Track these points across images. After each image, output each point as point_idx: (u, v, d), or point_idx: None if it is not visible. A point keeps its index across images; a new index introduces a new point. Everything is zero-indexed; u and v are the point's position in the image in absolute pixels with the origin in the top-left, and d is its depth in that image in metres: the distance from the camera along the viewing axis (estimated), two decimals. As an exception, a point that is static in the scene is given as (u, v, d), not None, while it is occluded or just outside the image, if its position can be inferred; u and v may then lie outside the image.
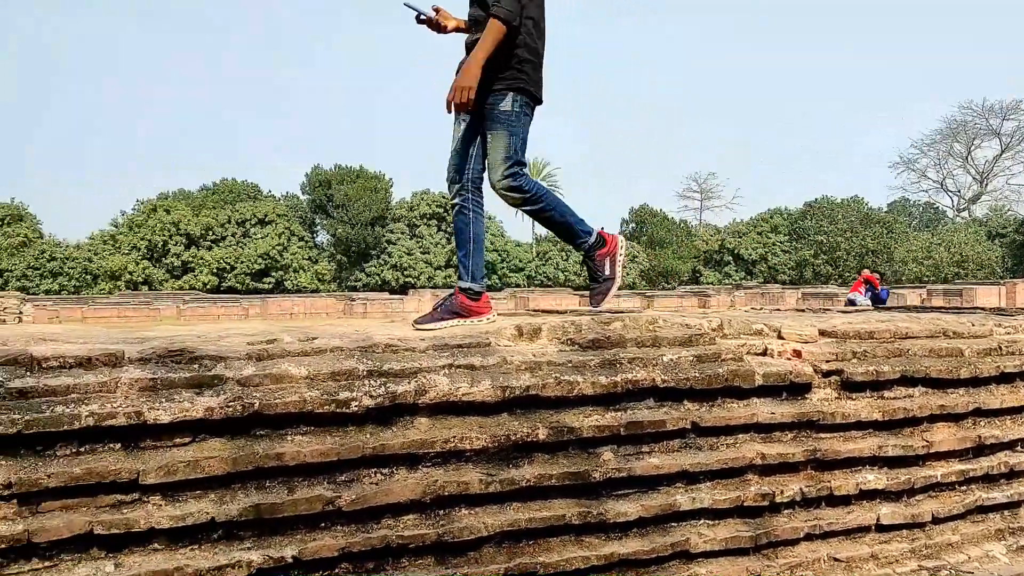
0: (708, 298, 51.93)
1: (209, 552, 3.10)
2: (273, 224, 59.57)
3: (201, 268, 55.33)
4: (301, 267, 59.09)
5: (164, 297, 47.70)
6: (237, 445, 3.21)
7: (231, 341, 3.57)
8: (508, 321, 4.22)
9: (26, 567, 2.89)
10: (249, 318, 45.02)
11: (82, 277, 53.81)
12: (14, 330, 3.65)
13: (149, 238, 54.84)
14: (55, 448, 3.00)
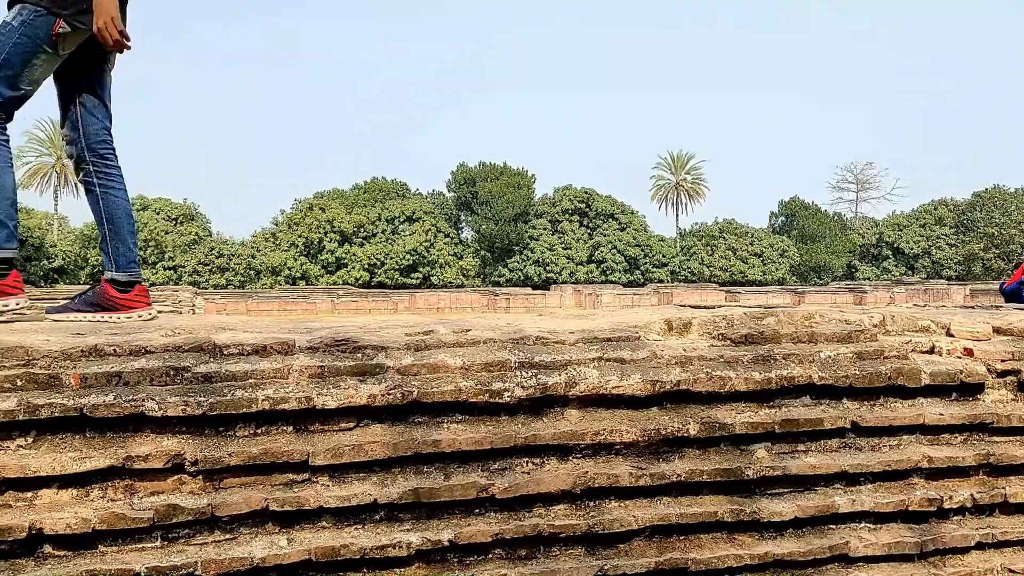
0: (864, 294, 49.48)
1: (372, 532, 3.26)
2: (420, 221, 61.47)
3: (353, 264, 57.82)
4: (447, 263, 60.69)
5: (320, 291, 50.24)
6: (397, 431, 3.37)
7: (390, 332, 3.73)
8: (657, 315, 4.20)
9: (209, 538, 3.15)
10: (398, 312, 46.70)
11: (246, 272, 57.41)
12: (196, 320, 3.97)
13: (306, 235, 57.80)
14: (235, 429, 3.24)
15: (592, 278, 60.19)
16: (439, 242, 60.80)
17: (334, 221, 58.32)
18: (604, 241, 61.79)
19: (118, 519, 2.99)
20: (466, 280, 60.46)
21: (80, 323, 3.88)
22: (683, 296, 48.41)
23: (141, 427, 3.13)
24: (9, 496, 2.97)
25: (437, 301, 49.36)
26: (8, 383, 3.01)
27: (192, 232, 57.46)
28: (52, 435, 3.05)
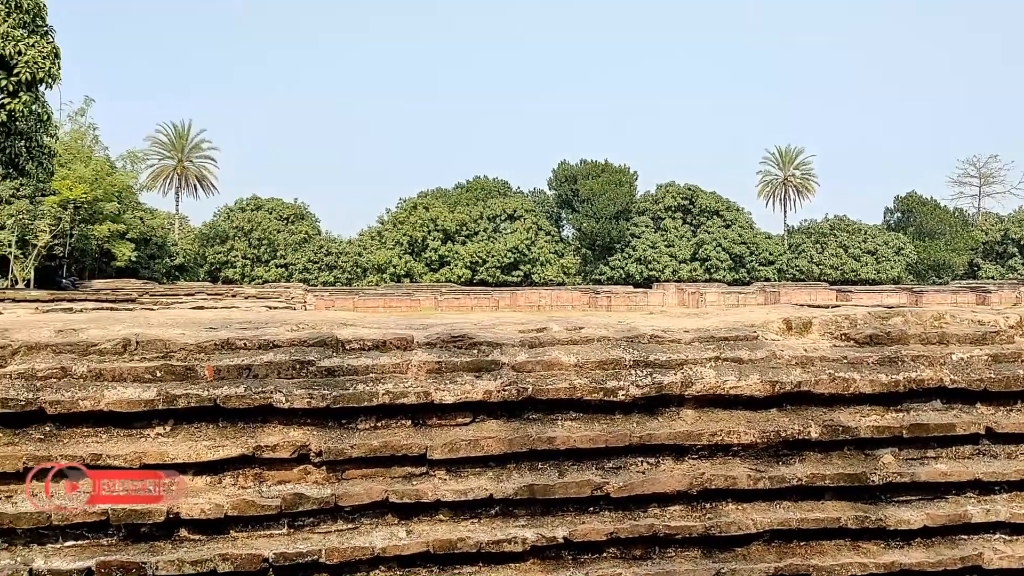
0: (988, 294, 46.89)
1: (488, 526, 3.30)
2: (521, 219, 61.69)
3: (456, 261, 58.52)
4: (547, 260, 60.71)
5: (423, 289, 51.08)
6: (512, 427, 3.39)
7: (504, 329, 3.76)
8: (775, 314, 4.09)
9: (332, 527, 3.25)
10: (499, 309, 47.06)
11: (353, 270, 58.92)
12: (317, 316, 4.10)
13: (410, 234, 58.84)
14: (356, 422, 3.34)
15: (695, 276, 59.10)
16: (540, 240, 60.87)
17: (437, 220, 59.18)
18: (708, 238, 60.56)
19: (248, 506, 3.12)
20: (566, 278, 60.34)
21: (213, 317, 4.07)
22: (791, 295, 46.94)
23: (269, 418, 3.26)
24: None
25: (538, 299, 49.48)
26: (148, 374, 3.18)
27: (303, 231, 59.33)
28: (188, 424, 3.21)
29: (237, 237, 57.39)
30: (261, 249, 57.31)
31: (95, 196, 43.43)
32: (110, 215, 45.37)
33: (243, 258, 56.77)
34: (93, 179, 43.27)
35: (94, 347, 3.22)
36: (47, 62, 18.44)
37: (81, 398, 3.06)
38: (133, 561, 2.98)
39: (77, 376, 3.13)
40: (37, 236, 42.21)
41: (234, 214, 59.57)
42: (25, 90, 18.35)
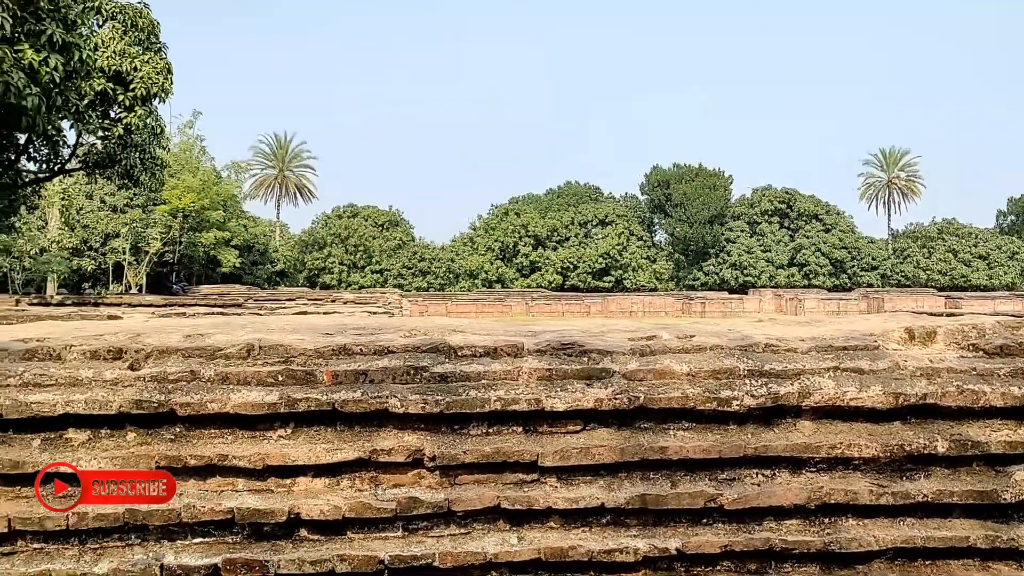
0: (1112, 301, 44.07)
1: (599, 535, 3.28)
2: (613, 224, 61.35)
3: (547, 267, 58.61)
4: (639, 266, 60.16)
5: (514, 294, 51.34)
6: (623, 436, 3.37)
7: (613, 337, 3.74)
8: (895, 323, 3.93)
9: (445, 532, 3.28)
10: (591, 315, 46.86)
11: (445, 275, 59.72)
12: (428, 322, 4.17)
13: (502, 240, 59.27)
14: (468, 427, 3.37)
15: (793, 282, 57.49)
16: (632, 245, 60.35)
17: (529, 225, 59.41)
18: (807, 243, 58.87)
19: (365, 508, 3.19)
20: (659, 284, 59.63)
21: (328, 323, 4.18)
22: (896, 302, 45.07)
23: (384, 422, 3.33)
24: (271, 482, 3.25)
25: (630, 305, 49.02)
26: (271, 378, 3.29)
27: (397, 237, 60.50)
28: (308, 427, 3.31)
29: (334, 244, 58.93)
30: (357, 255, 58.70)
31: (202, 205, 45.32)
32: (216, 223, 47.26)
33: (340, 264, 58.24)
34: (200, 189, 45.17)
35: (220, 352, 3.35)
36: (160, 77, 19.34)
37: (209, 400, 3.19)
38: (257, 559, 3.08)
39: (205, 379, 3.26)
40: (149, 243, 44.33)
41: (331, 221, 61.23)
42: (140, 104, 19.27)
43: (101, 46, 18.50)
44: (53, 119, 16.29)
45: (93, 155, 21.47)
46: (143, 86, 19.01)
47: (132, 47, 19.48)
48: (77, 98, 16.33)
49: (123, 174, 21.82)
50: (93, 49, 17.35)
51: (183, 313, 10.92)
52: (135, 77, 18.99)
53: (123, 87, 19.09)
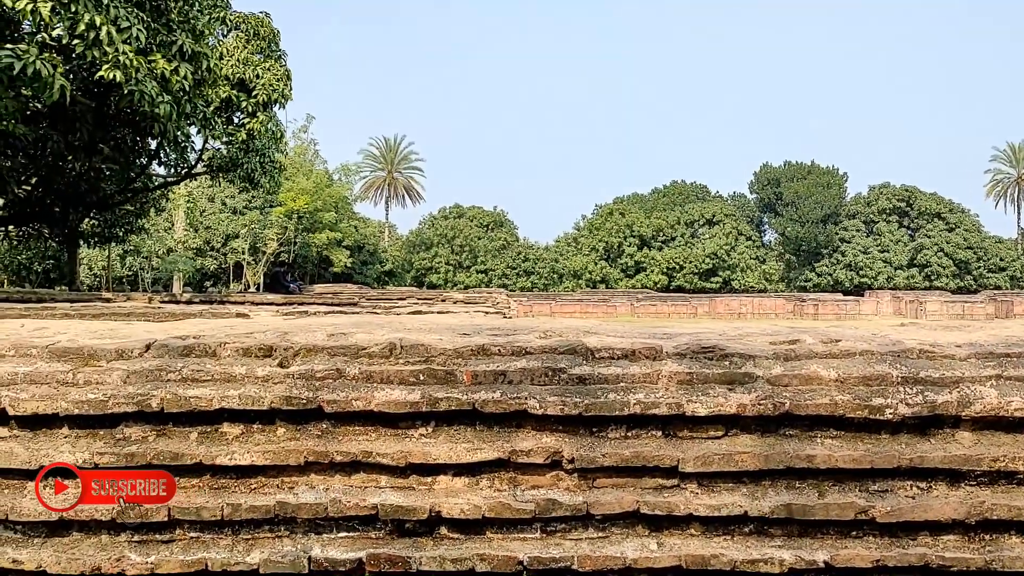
0: None
1: (741, 544, 3.19)
2: (720, 224, 60.16)
3: (652, 268, 57.98)
4: (748, 266, 58.77)
5: (619, 295, 50.95)
6: (767, 443, 3.26)
7: (753, 340, 3.63)
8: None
9: (584, 535, 3.26)
10: (697, 316, 46.02)
11: (549, 275, 59.86)
12: (558, 323, 4.15)
13: (606, 240, 58.99)
14: (607, 430, 3.33)
15: (913, 284, 54.96)
16: (740, 245, 59.04)
17: (633, 225, 58.92)
18: (928, 243, 56.19)
19: (504, 508, 3.20)
20: (768, 285, 58.10)
21: (459, 323, 4.23)
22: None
23: (523, 423, 3.33)
24: (413, 479, 3.30)
25: (738, 306, 47.88)
26: (412, 377, 3.35)
27: (501, 238, 61.08)
28: (448, 426, 3.34)
29: (440, 244, 59.96)
30: (462, 255, 59.56)
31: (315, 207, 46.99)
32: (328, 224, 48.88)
33: (446, 264, 59.21)
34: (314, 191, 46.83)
35: (363, 351, 3.43)
36: (281, 84, 20.11)
37: (354, 398, 3.26)
38: (400, 555, 3.13)
39: (350, 377, 3.34)
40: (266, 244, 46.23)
41: (438, 222, 62.34)
42: (262, 110, 20.10)
43: (226, 55, 19.37)
44: (182, 125, 17.14)
45: (217, 159, 22.50)
46: (264, 93, 19.81)
47: (254, 55, 20.33)
48: (204, 105, 17.12)
49: (244, 177, 22.77)
50: (219, 58, 18.18)
51: (305, 312, 11.27)
52: (257, 84, 19.80)
53: (246, 94, 19.94)
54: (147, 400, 3.23)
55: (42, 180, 19.09)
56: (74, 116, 16.49)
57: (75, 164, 18.95)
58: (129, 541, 3.19)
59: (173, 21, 14.92)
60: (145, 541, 3.19)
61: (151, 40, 14.03)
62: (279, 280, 32.57)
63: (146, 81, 13.43)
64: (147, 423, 3.28)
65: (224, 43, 19.83)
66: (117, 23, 12.71)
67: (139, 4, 13.90)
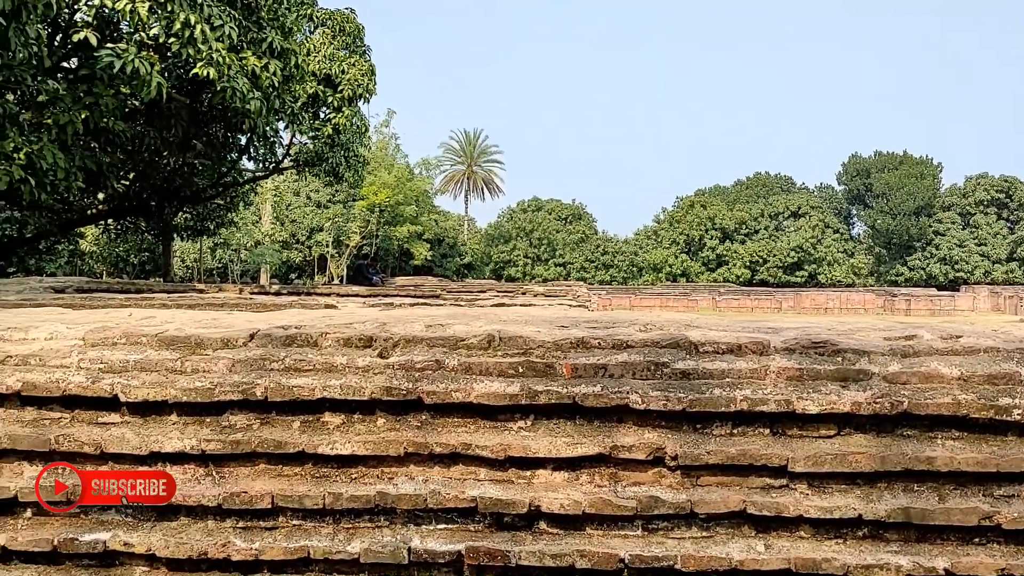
0: None
1: (855, 548, 3.05)
2: (806, 216, 58.50)
3: (734, 261, 56.81)
4: (835, 260, 57.01)
5: (700, 288, 50.11)
6: (883, 443, 3.11)
7: (866, 335, 3.47)
8: None
9: (687, 534, 3.17)
10: (782, 311, 44.89)
11: (629, 269, 59.28)
12: (661, 317, 4.06)
13: (687, 233, 58.04)
14: (711, 427, 3.23)
15: (1013, 278, 52.45)
16: (827, 238, 57.30)
17: (715, 218, 57.81)
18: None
19: (604, 504, 3.13)
20: (857, 279, 56.26)
21: (555, 315, 4.18)
22: None
23: (624, 418, 3.25)
24: (512, 473, 3.26)
25: (825, 301, 46.46)
26: (511, 369, 3.30)
27: (580, 231, 60.74)
28: (547, 419, 3.29)
29: (519, 237, 60.02)
30: (541, 248, 59.49)
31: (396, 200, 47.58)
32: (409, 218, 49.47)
33: (524, 257, 59.24)
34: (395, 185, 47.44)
35: (462, 342, 3.40)
36: (365, 79, 20.37)
37: (453, 390, 3.24)
38: (499, 549, 3.10)
39: (449, 369, 3.32)
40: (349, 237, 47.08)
41: (516, 215, 62.40)
42: (347, 105, 20.40)
43: (313, 51, 19.72)
44: (271, 121, 17.51)
45: (304, 154, 22.95)
46: (350, 88, 20.10)
47: (340, 51, 20.64)
48: (292, 101, 17.46)
49: (329, 171, 23.19)
50: (306, 54, 18.50)
51: (390, 303, 11.40)
52: (343, 80, 20.11)
53: (332, 89, 20.28)
54: (252, 389, 3.27)
55: (139, 175, 19.80)
56: (169, 113, 17.03)
57: (170, 160, 19.60)
58: (234, 527, 3.24)
59: (263, 19, 15.24)
60: (249, 528, 3.23)
61: (242, 38, 14.36)
62: (362, 272, 33.13)
63: (237, 78, 13.75)
64: (251, 411, 3.32)
65: (311, 39, 20.20)
66: (211, 21, 13.05)
67: (231, 2, 14.25)
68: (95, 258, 38.71)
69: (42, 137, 12.40)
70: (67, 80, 13.67)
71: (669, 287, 51.48)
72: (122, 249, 37.05)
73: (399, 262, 53.42)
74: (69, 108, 12.49)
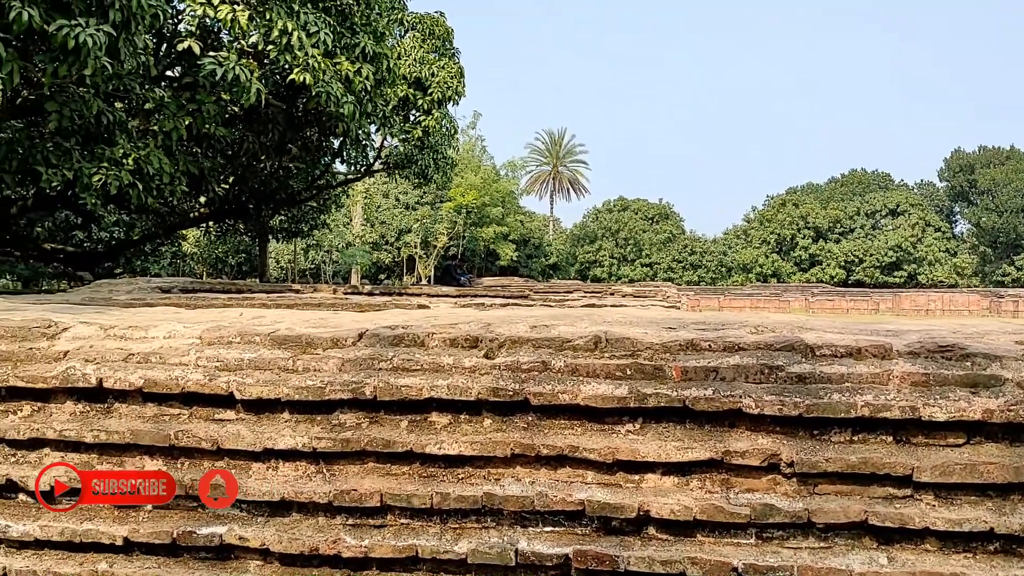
0: None
1: (985, 564, 2.88)
2: (905, 215, 56.34)
3: (828, 261, 55.17)
4: (937, 260, 54.71)
5: (792, 289, 48.78)
6: (1017, 453, 2.93)
7: (995, 339, 3.29)
8: None
9: (803, 544, 3.05)
10: (880, 312, 43.33)
11: (717, 269, 58.25)
12: (773, 318, 3.94)
13: (778, 232, 56.66)
14: (829, 433, 3.11)
15: None
16: (928, 237, 55.01)
17: (808, 217, 56.24)
18: None
19: (716, 511, 3.05)
20: (960, 279, 53.84)
21: (664, 316, 4.11)
22: None
23: (736, 423, 3.16)
24: (619, 476, 3.20)
25: (926, 302, 44.56)
26: (619, 371, 3.25)
27: (667, 230, 60.01)
28: (656, 423, 3.22)
29: (605, 237, 59.72)
30: (627, 248, 59.03)
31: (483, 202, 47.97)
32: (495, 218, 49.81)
33: (610, 257, 58.88)
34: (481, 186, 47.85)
35: (568, 343, 3.37)
36: (455, 81, 20.58)
37: (560, 391, 3.21)
38: (607, 554, 3.05)
39: (555, 370, 3.29)
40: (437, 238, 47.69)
41: (602, 215, 62.10)
42: (437, 108, 20.65)
43: (404, 55, 20.02)
44: (364, 124, 17.85)
45: (394, 156, 23.32)
46: (439, 90, 20.33)
47: (430, 54, 20.90)
48: (383, 104, 17.76)
49: (418, 173, 23.49)
50: (397, 58, 18.78)
51: (481, 303, 11.46)
52: (432, 82, 20.36)
53: (422, 92, 20.55)
54: (361, 388, 3.31)
55: (238, 179, 20.47)
56: (266, 118, 17.55)
57: (267, 163, 20.20)
58: (344, 524, 3.28)
59: (356, 24, 15.55)
60: (358, 525, 3.27)
61: (336, 43, 14.68)
62: (450, 273, 33.50)
63: (332, 83, 14.07)
64: (360, 410, 3.36)
65: (402, 43, 20.52)
66: (307, 28, 13.39)
67: (325, 9, 14.60)
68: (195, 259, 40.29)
69: (149, 143, 12.94)
70: (171, 88, 14.25)
71: (759, 288, 50.31)
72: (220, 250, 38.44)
73: (485, 262, 53.81)
74: (174, 115, 13.00)
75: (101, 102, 11.95)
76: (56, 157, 12.14)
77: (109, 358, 3.52)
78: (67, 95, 11.58)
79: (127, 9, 10.33)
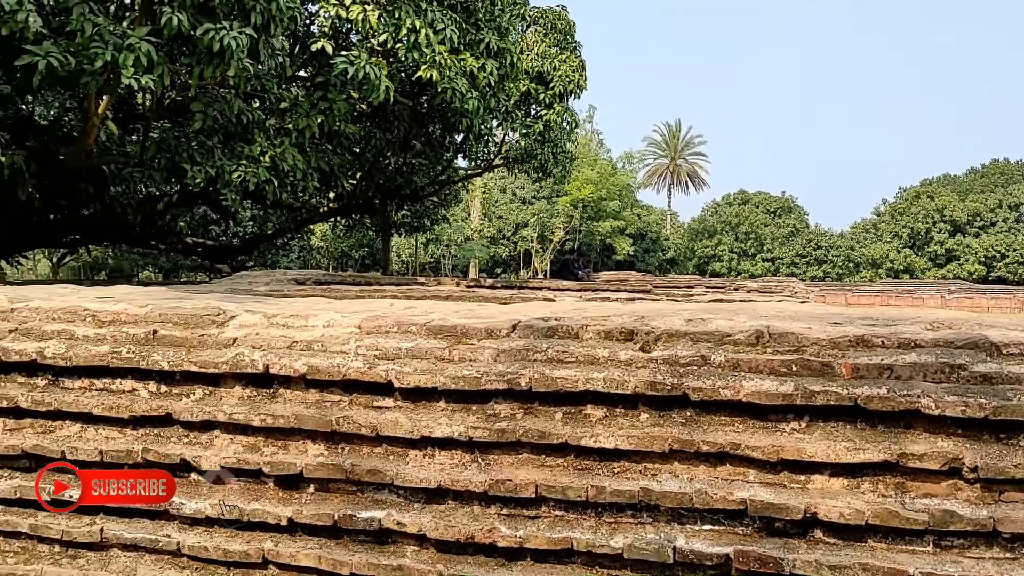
0: None
1: None
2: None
3: (967, 256, 52.05)
4: (1090, 255, 50.74)
5: (926, 286, 46.26)
6: None
7: None
8: None
9: (987, 553, 2.86)
10: None
11: (844, 264, 55.86)
12: (951, 315, 3.72)
13: (911, 226, 53.86)
14: (1018, 438, 2.90)
15: None
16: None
17: (944, 210, 53.14)
18: None
19: (891, 516, 2.89)
20: (1118, 277, 49.86)
21: (826, 311, 3.94)
22: None
23: (913, 424, 2.99)
24: (784, 476, 3.09)
25: (1079, 301, 41.50)
26: (783, 367, 3.13)
27: (790, 224, 58.00)
28: (823, 421, 3.09)
29: (724, 231, 58.24)
30: (747, 243, 57.40)
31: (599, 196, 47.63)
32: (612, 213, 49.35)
33: (730, 252, 57.39)
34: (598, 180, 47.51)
35: (728, 337, 3.27)
36: (576, 75, 20.51)
37: (721, 387, 3.12)
38: (770, 555, 2.94)
39: (715, 365, 3.20)
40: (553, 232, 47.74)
41: (721, 209, 60.60)
42: (558, 102, 20.62)
43: (526, 49, 20.08)
44: (487, 119, 18.01)
45: (514, 151, 23.44)
46: (561, 84, 20.31)
47: (552, 48, 20.90)
48: (506, 99, 17.85)
49: (538, 168, 23.53)
50: (520, 53, 18.86)
51: (606, 297, 11.37)
52: (554, 76, 20.35)
53: (543, 86, 20.58)
54: (516, 379, 3.31)
55: (365, 175, 21.04)
56: (393, 115, 17.98)
57: (392, 159, 20.70)
58: (498, 514, 3.30)
59: (480, 20, 15.70)
60: (513, 515, 3.28)
61: (461, 39, 14.86)
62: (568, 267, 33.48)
63: (457, 79, 14.25)
64: (515, 401, 3.37)
65: (524, 38, 20.59)
66: (433, 25, 13.61)
67: (451, 6, 14.79)
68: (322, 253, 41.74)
69: (284, 141, 13.46)
70: (304, 87, 14.77)
71: (890, 284, 47.89)
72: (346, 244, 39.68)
73: (601, 257, 53.47)
74: (307, 113, 13.47)
75: (241, 102, 12.51)
76: (200, 155, 12.78)
77: (274, 345, 3.65)
78: (210, 96, 12.17)
79: (267, 12, 10.75)
